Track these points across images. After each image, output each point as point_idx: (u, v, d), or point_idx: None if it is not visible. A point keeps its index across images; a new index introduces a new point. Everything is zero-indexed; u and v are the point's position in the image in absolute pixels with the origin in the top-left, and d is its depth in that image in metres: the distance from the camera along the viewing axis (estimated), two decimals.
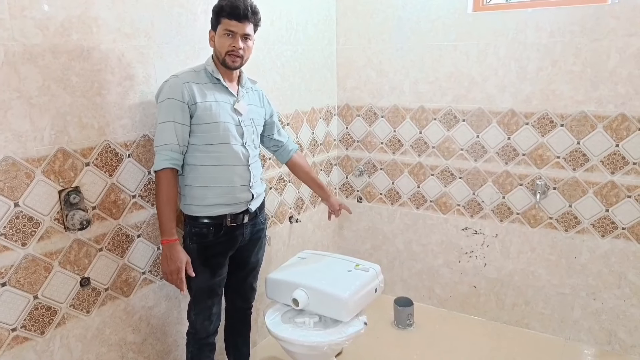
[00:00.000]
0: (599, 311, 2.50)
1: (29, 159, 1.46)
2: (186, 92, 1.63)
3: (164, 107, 1.63)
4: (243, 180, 1.78)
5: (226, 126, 1.71)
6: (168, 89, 1.64)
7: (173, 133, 1.62)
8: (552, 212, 2.52)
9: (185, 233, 1.79)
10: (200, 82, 1.69)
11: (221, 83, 1.73)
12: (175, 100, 1.62)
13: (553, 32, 2.32)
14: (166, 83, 1.66)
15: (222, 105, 1.71)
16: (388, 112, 2.87)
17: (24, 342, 1.52)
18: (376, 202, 3.05)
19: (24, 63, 1.42)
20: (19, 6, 1.38)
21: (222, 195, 1.74)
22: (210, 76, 1.71)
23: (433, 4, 2.58)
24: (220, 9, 1.65)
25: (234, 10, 1.63)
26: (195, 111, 1.65)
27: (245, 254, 1.94)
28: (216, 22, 1.67)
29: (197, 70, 1.71)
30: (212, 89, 1.71)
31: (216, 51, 1.71)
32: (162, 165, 1.62)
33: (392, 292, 3.05)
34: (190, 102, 1.64)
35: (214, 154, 1.71)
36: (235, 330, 2.09)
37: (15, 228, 1.45)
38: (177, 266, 1.66)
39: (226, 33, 1.65)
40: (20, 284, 1.49)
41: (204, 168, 1.71)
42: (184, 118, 1.64)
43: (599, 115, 2.31)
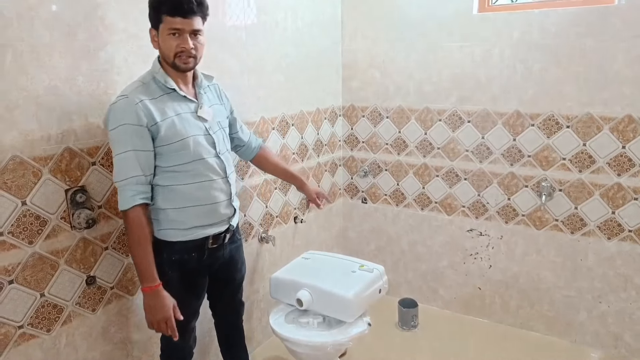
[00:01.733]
0: (605, 314, 2.49)
1: (36, 157, 1.48)
2: (142, 113, 1.42)
3: (119, 135, 1.43)
4: (223, 195, 1.63)
5: (195, 140, 1.53)
6: (119, 114, 1.42)
7: (135, 163, 1.43)
8: (557, 214, 2.51)
9: (162, 260, 1.56)
10: (153, 96, 1.47)
11: (177, 92, 1.53)
12: (130, 125, 1.41)
13: (559, 33, 2.31)
14: (114, 106, 1.44)
15: (184, 117, 1.52)
16: (393, 113, 2.87)
17: (31, 340, 1.54)
18: (381, 203, 3.05)
19: (31, 63, 1.43)
20: (26, 6, 1.40)
21: (203, 215, 1.59)
22: (162, 87, 1.50)
23: (438, 5, 2.58)
24: (159, 4, 1.43)
25: (177, 6, 1.42)
26: (157, 132, 1.46)
27: (228, 272, 1.83)
28: (156, 19, 1.45)
29: (146, 82, 1.49)
30: (169, 101, 1.50)
31: (163, 54, 1.49)
32: (131, 203, 1.44)
33: (396, 293, 3.04)
34: (149, 123, 1.44)
35: (188, 172, 1.53)
36: (230, 343, 2.01)
37: (22, 226, 1.47)
38: (164, 315, 1.49)
39: (171, 32, 1.44)
40: (27, 282, 1.50)
41: (179, 188, 1.54)
42: (144, 143, 1.44)
43: (605, 116, 2.30)
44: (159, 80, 1.50)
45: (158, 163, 1.51)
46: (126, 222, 1.47)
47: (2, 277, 1.44)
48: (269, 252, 2.56)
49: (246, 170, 2.32)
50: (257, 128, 2.36)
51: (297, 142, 2.67)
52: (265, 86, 2.38)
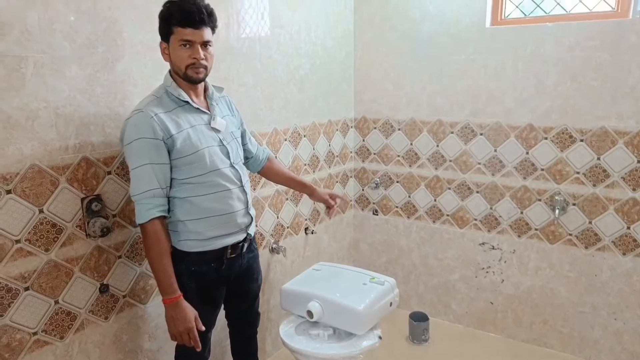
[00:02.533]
0: (621, 331, 2.44)
1: (54, 167, 1.51)
2: (157, 127, 1.43)
3: (135, 150, 1.43)
4: (241, 203, 1.64)
5: (211, 151, 1.54)
6: (135, 128, 1.43)
7: (152, 176, 1.44)
8: (571, 228, 2.48)
9: (181, 271, 1.56)
10: (167, 109, 1.48)
11: (190, 104, 1.54)
12: (147, 139, 1.42)
13: (572, 47, 2.31)
14: (130, 120, 1.45)
15: (199, 129, 1.53)
16: (405, 125, 2.87)
17: (44, 346, 1.55)
18: (392, 215, 3.05)
19: (52, 74, 1.47)
20: (48, 19, 1.44)
21: (221, 225, 1.60)
22: (176, 99, 1.51)
23: (451, 18, 2.60)
24: (169, 16, 1.44)
25: (188, 17, 1.42)
26: (173, 145, 1.47)
27: (245, 284, 1.83)
28: (167, 31, 1.46)
29: (159, 96, 1.50)
30: (183, 113, 1.51)
31: (174, 66, 1.50)
32: (149, 216, 1.44)
33: (407, 307, 3.02)
34: (165, 136, 1.45)
35: (205, 183, 1.54)
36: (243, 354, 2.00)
37: (39, 234, 1.49)
38: (187, 326, 1.49)
39: (182, 44, 1.45)
40: (43, 289, 1.53)
41: (197, 199, 1.54)
42: (160, 156, 1.45)
43: (619, 130, 2.28)
44: (171, 93, 1.51)
45: (175, 175, 1.51)
46: (144, 235, 1.48)
47: (18, 283, 1.47)
48: (280, 263, 2.57)
49: (258, 180, 2.34)
50: (270, 139, 2.38)
51: (309, 153, 2.69)
52: (279, 98, 2.40)
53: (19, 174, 1.43)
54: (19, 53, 1.38)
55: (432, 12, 2.65)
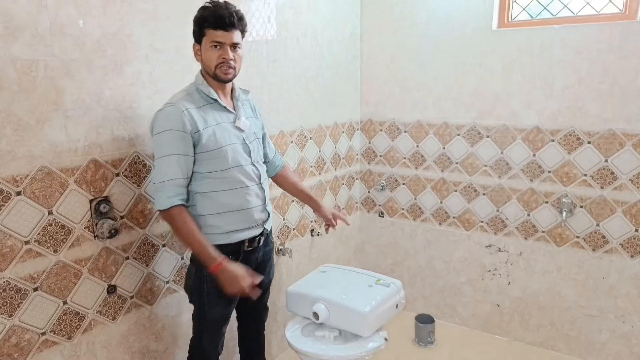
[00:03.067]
0: (629, 335, 2.42)
1: (63, 168, 1.52)
2: (187, 121, 1.52)
3: (164, 140, 1.51)
4: (258, 200, 1.72)
5: (234, 148, 1.63)
6: (166, 120, 1.52)
7: (176, 166, 1.51)
8: (579, 231, 2.47)
9: (200, 264, 1.63)
10: (197, 105, 1.57)
11: (218, 103, 1.62)
12: (176, 131, 1.51)
13: (580, 50, 2.30)
14: (162, 112, 1.53)
15: (224, 127, 1.62)
16: (411, 127, 2.87)
17: (52, 346, 1.57)
18: (398, 217, 3.04)
19: (62, 77, 1.49)
20: (59, 24, 1.46)
21: (239, 220, 1.67)
22: (205, 97, 1.61)
23: (457, 21, 2.60)
24: (203, 20, 1.54)
25: (219, 20, 1.52)
26: (199, 139, 1.55)
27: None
28: (200, 34, 1.56)
29: (190, 92, 1.60)
30: (210, 111, 1.60)
31: (205, 66, 1.59)
32: (170, 204, 1.51)
33: (413, 309, 3.02)
34: (193, 130, 1.53)
35: (226, 179, 1.62)
36: (251, 350, 2.04)
37: (48, 235, 1.51)
38: (242, 285, 1.56)
39: (213, 45, 1.54)
40: (51, 290, 1.54)
41: (217, 194, 1.62)
42: (187, 149, 1.53)
43: (627, 133, 2.27)
44: (202, 90, 1.60)
45: (197, 169, 1.59)
46: (169, 220, 1.54)
47: (28, 284, 1.48)
48: (286, 265, 2.57)
49: None
50: (276, 141, 2.39)
51: (315, 156, 2.70)
52: (285, 100, 2.41)
53: (28, 175, 1.45)
54: (30, 56, 1.40)
55: (438, 15, 2.65)
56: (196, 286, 1.69)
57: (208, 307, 1.69)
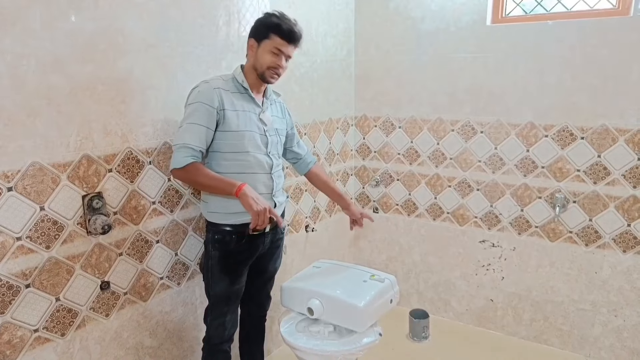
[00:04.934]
0: (621, 328, 2.45)
1: (55, 164, 1.51)
2: (216, 98, 1.65)
3: (192, 109, 1.63)
4: (266, 188, 1.80)
5: (252, 135, 1.73)
6: (198, 94, 1.65)
7: (196, 135, 1.62)
8: (572, 226, 2.48)
9: (207, 239, 1.81)
10: (229, 90, 1.71)
11: (248, 93, 1.75)
12: (205, 104, 1.63)
13: (573, 45, 2.31)
14: (196, 89, 1.67)
15: (248, 114, 1.73)
16: (405, 123, 2.87)
17: (45, 343, 1.56)
18: (392, 212, 3.05)
19: (53, 72, 1.47)
20: (50, 17, 1.44)
21: None
22: (239, 86, 1.74)
23: (452, 16, 2.59)
24: (276, 27, 1.68)
25: (290, 34, 1.69)
26: (223, 118, 1.67)
27: (263, 262, 1.97)
28: (264, 35, 1.69)
29: (226, 79, 1.73)
30: (240, 98, 1.73)
31: (256, 62, 1.72)
32: (184, 162, 1.60)
33: (407, 304, 3.03)
34: (219, 107, 1.66)
35: (239, 162, 1.72)
36: (249, 338, 2.11)
37: (40, 231, 1.50)
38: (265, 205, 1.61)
39: (275, 51, 1.69)
40: (44, 286, 1.53)
41: (228, 176, 1.69)
42: (209, 122, 1.64)
43: (620, 128, 2.28)
44: (237, 79, 1.74)
45: (216, 148, 1.70)
46: (183, 176, 1.64)
47: (20, 280, 1.47)
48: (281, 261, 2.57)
49: None
50: None
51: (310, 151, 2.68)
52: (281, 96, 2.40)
53: (20, 171, 1.43)
54: (21, 50, 1.38)
55: (433, 10, 2.65)
56: (204, 263, 1.83)
57: (212, 283, 1.80)
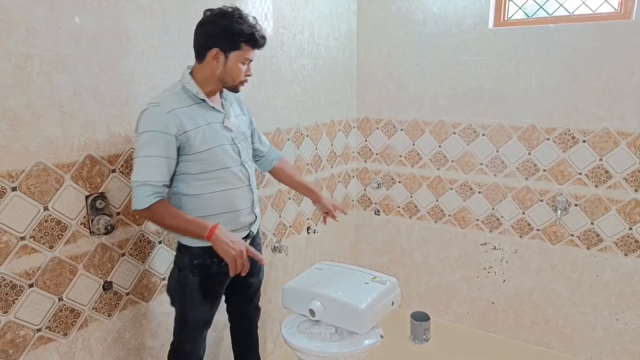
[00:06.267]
0: (622, 332, 2.44)
1: (59, 164, 1.52)
2: (172, 123, 1.47)
3: (146, 139, 1.47)
4: (246, 202, 1.69)
5: (223, 149, 1.59)
6: (149, 120, 1.47)
7: (156, 169, 1.47)
8: (573, 229, 2.48)
9: (184, 265, 1.64)
10: (183, 105, 1.53)
11: (207, 103, 1.59)
12: (159, 132, 1.46)
13: (575, 48, 2.31)
14: (146, 112, 1.49)
15: (213, 127, 1.58)
16: (407, 125, 2.88)
17: (48, 343, 1.56)
18: (394, 215, 3.05)
19: (57, 72, 1.48)
20: (55, 18, 1.45)
21: (226, 222, 1.61)
22: (193, 97, 1.56)
23: (454, 19, 2.60)
24: (248, 37, 1.53)
25: (259, 40, 1.56)
26: (186, 141, 1.51)
27: (246, 278, 1.78)
28: (235, 46, 1.53)
29: (176, 92, 1.55)
30: (199, 111, 1.56)
31: (225, 75, 1.56)
32: (147, 203, 1.46)
33: (408, 306, 3.03)
34: (178, 132, 1.49)
35: (213, 180, 1.59)
36: (245, 349, 2.03)
37: (43, 231, 1.50)
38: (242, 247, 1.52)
39: (246, 62, 1.57)
40: (47, 286, 1.54)
41: (204, 196, 1.59)
42: (169, 151, 1.49)
43: (622, 131, 2.28)
44: (189, 90, 1.56)
45: (187, 170, 1.56)
46: (150, 216, 1.52)
47: (23, 280, 1.48)
48: (282, 262, 2.58)
49: (260, 180, 2.35)
50: (273, 139, 2.38)
51: (312, 153, 2.70)
52: (282, 97, 2.41)
53: (24, 171, 1.44)
54: (25, 51, 1.39)
55: (434, 13, 2.66)
56: (178, 289, 1.67)
57: (191, 310, 1.67)
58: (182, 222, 1.52)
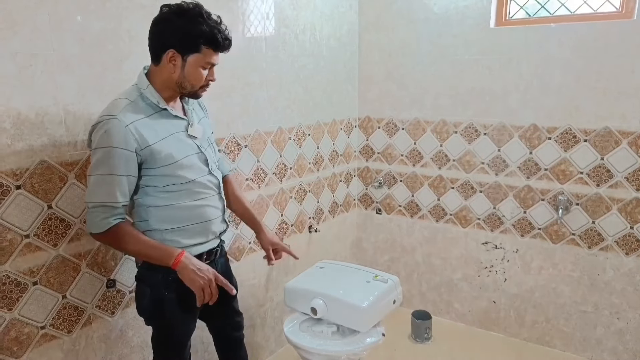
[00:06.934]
0: (623, 331, 2.45)
1: (62, 163, 1.53)
2: (131, 138, 1.33)
3: (102, 156, 1.33)
4: (217, 212, 1.59)
5: (189, 160, 1.48)
6: (105, 135, 1.32)
7: (114, 188, 1.34)
8: (574, 228, 2.49)
9: (157, 282, 1.50)
10: (142, 114, 1.38)
11: (168, 111, 1.45)
12: (118, 149, 1.32)
13: (576, 48, 2.32)
14: (101, 126, 1.33)
15: (177, 137, 1.46)
16: (409, 125, 2.89)
17: (52, 340, 1.57)
18: (395, 214, 3.06)
19: (61, 72, 1.49)
20: (58, 18, 1.46)
21: (198, 233, 1.54)
22: (153, 105, 1.42)
23: (455, 19, 2.61)
24: (210, 39, 1.39)
25: (222, 43, 1.41)
26: (149, 155, 1.38)
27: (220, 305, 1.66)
28: (194, 48, 1.39)
29: (133, 100, 1.39)
30: (160, 120, 1.43)
31: (184, 80, 1.42)
32: (105, 226, 1.35)
33: (410, 305, 3.03)
34: (139, 147, 1.36)
35: (183, 192, 1.48)
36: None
37: (47, 229, 1.52)
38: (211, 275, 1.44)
39: (207, 66, 1.43)
40: (51, 284, 1.55)
41: (172, 208, 1.47)
42: (129, 169, 1.36)
43: (623, 131, 2.29)
44: (147, 97, 1.42)
45: (152, 183, 1.44)
46: (108, 241, 1.42)
47: (27, 278, 1.49)
48: (283, 261, 2.57)
49: (262, 179, 2.36)
50: (275, 138, 2.39)
51: (313, 152, 2.71)
52: (284, 97, 2.42)
53: (28, 169, 1.45)
54: (29, 51, 1.41)
55: (436, 12, 2.66)
56: (154, 309, 1.54)
57: (173, 328, 1.58)
58: (145, 248, 1.41)
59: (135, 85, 1.45)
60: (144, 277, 1.55)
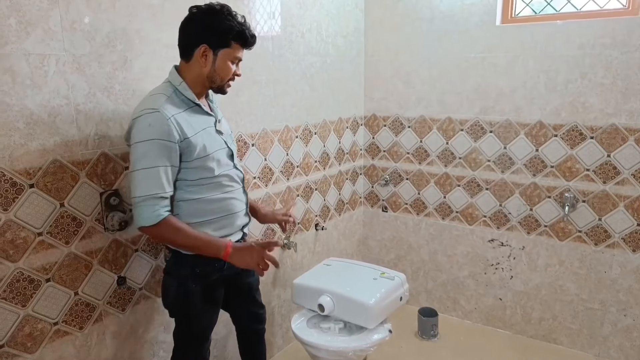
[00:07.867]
0: (630, 328, 2.45)
1: (74, 162, 1.55)
2: (174, 129, 1.40)
3: (146, 149, 1.38)
4: (242, 205, 1.66)
5: (218, 154, 1.55)
6: (149, 128, 1.38)
7: (160, 180, 1.39)
8: (581, 225, 2.49)
9: (184, 275, 1.57)
10: (180, 109, 1.46)
11: (200, 107, 1.54)
12: (162, 140, 1.38)
13: (583, 45, 2.31)
14: (143, 119, 1.39)
15: (209, 132, 1.54)
16: (415, 123, 2.89)
17: (64, 336, 1.60)
18: (401, 212, 3.07)
19: (73, 72, 1.51)
20: (70, 19, 1.48)
21: (223, 227, 1.60)
22: (186, 100, 1.50)
23: (461, 17, 2.61)
24: (239, 35, 1.48)
25: (250, 39, 1.51)
26: (186, 147, 1.45)
27: (243, 279, 1.81)
28: (224, 43, 1.48)
29: (169, 95, 1.46)
30: (194, 115, 1.51)
31: (214, 74, 1.51)
32: (157, 218, 1.39)
33: (416, 303, 3.05)
34: (180, 139, 1.42)
35: (211, 185, 1.55)
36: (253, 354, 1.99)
37: (60, 227, 1.54)
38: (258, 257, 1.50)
39: (234, 61, 1.53)
40: (63, 281, 1.57)
41: (201, 201, 1.54)
42: (172, 159, 1.42)
43: (630, 128, 2.29)
44: (181, 93, 1.49)
45: (184, 177, 1.50)
46: (159, 234, 1.44)
47: (40, 275, 1.51)
48: (291, 258, 2.60)
49: (269, 177, 2.38)
50: (281, 136, 2.41)
51: (320, 151, 2.72)
52: (290, 95, 2.44)
53: (41, 168, 1.47)
54: (42, 51, 1.43)
55: (442, 10, 2.67)
56: (180, 301, 1.60)
57: (196, 320, 1.64)
58: (196, 241, 1.47)
59: (168, 82, 1.52)
60: (170, 270, 1.62)
